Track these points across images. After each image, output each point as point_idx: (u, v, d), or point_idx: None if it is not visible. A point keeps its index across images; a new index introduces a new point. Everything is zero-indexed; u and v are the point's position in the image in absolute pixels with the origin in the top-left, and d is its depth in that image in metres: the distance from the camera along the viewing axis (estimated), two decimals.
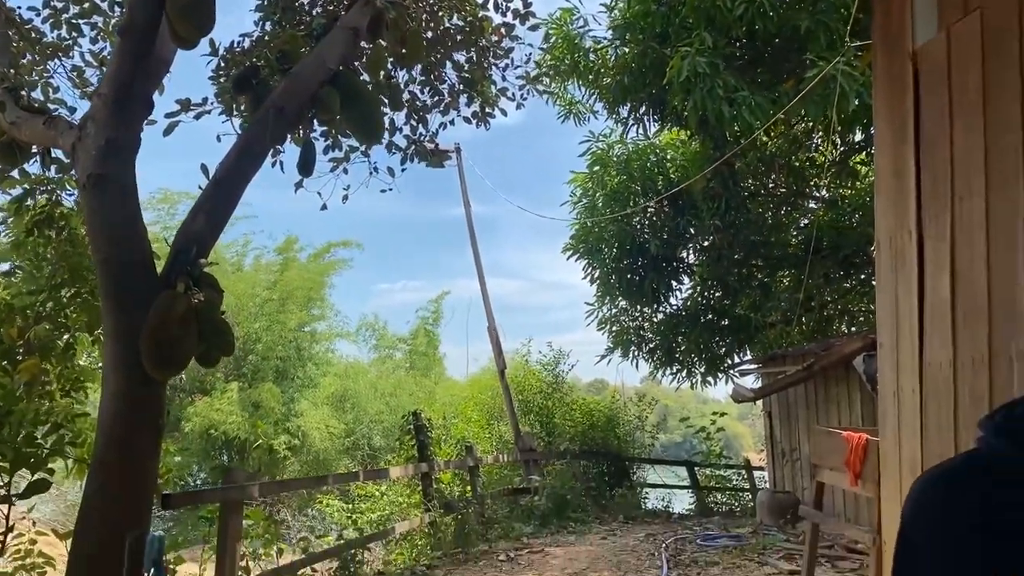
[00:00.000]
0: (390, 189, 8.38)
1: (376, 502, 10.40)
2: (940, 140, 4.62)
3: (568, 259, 15.49)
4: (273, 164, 7.77)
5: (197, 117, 7.02)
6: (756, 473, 14.21)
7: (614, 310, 15.97)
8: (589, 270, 15.28)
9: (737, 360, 15.51)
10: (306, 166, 6.07)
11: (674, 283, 15.40)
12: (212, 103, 6.61)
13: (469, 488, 10.03)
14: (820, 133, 12.95)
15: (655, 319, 15.85)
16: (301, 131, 7.11)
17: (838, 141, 13.25)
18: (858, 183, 14.03)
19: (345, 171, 8.32)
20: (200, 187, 5.00)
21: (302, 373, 21.94)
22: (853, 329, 13.78)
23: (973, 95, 4.31)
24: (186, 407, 19.58)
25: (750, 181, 14.14)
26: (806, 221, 14.60)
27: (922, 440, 4.53)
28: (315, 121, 6.99)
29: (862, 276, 13.60)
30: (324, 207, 8.26)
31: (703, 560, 7.64)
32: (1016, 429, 1.08)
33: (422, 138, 8.82)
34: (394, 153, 8.60)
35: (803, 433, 10.76)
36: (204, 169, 5.14)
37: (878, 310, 5.28)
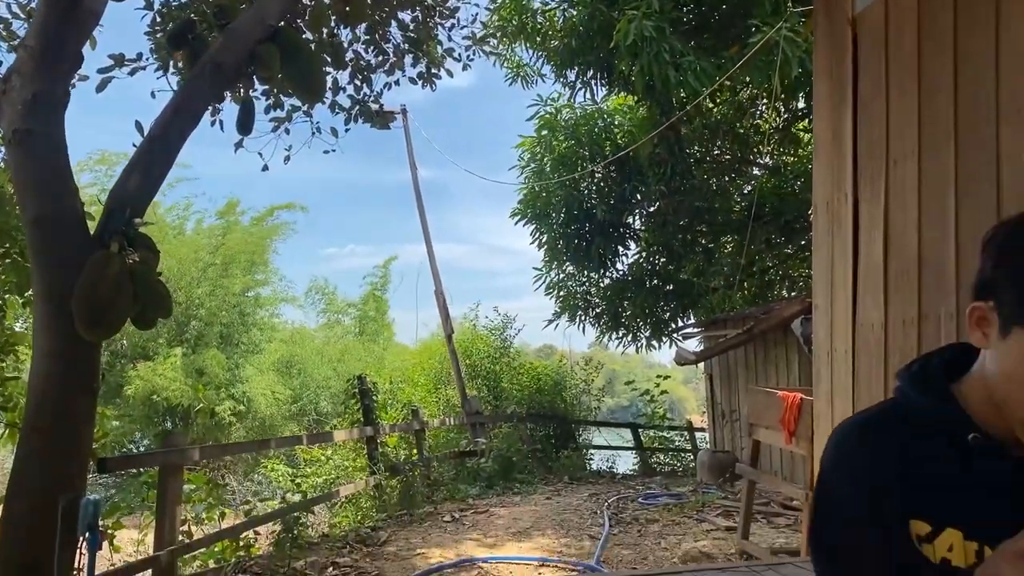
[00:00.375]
0: (333, 150, 8.26)
1: (322, 466, 10.37)
2: (876, 104, 4.71)
3: (516, 224, 15.51)
4: (212, 123, 7.58)
5: (132, 73, 6.80)
6: (698, 434, 14.53)
7: (561, 275, 16.08)
8: (537, 235, 15.32)
9: (681, 324, 15.77)
10: (245, 125, 5.92)
11: (620, 248, 15.55)
12: (147, 59, 6.41)
13: (415, 451, 10.07)
14: (765, 100, 13.10)
15: (602, 284, 16.00)
16: (241, 90, 6.94)
17: (781, 108, 13.44)
18: (800, 150, 14.27)
19: (287, 131, 8.16)
20: (135, 145, 4.86)
21: (247, 339, 21.64)
22: (793, 294, 14.08)
23: (908, 60, 4.39)
24: (127, 373, 19.19)
25: (696, 147, 14.26)
26: (749, 188, 14.82)
27: (853, 399, 4.68)
28: (256, 80, 6.83)
29: (802, 242, 13.89)
30: (265, 168, 8.10)
31: (644, 518, 7.81)
32: (932, 381, 1.11)
33: (366, 98, 8.68)
34: (337, 113, 8.46)
35: (743, 395, 11.02)
36: (139, 126, 4.98)
37: (814, 273, 5.41)
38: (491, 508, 8.45)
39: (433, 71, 8.52)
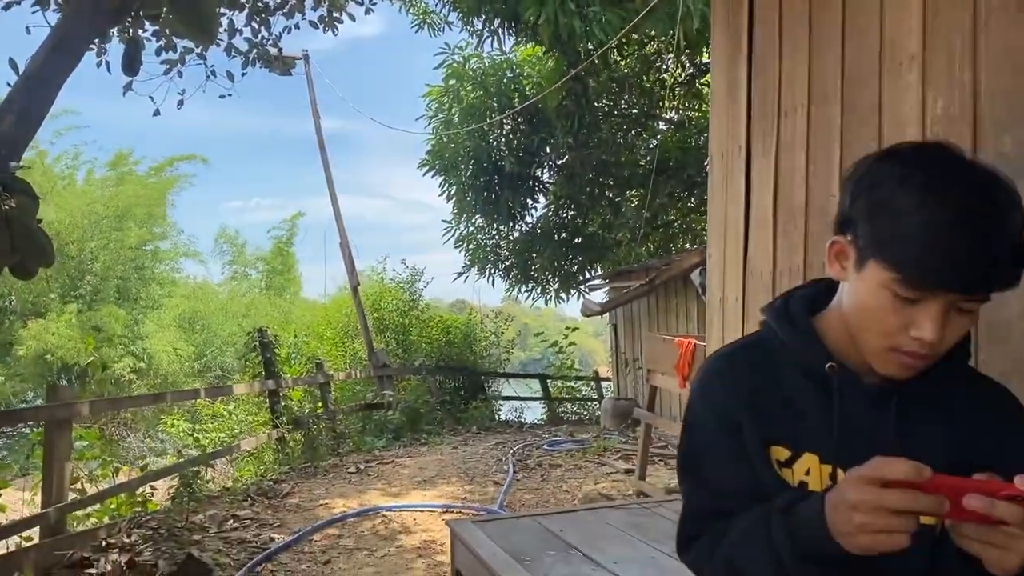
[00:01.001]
0: (229, 95, 7.96)
1: (224, 422, 10.19)
2: (770, 56, 4.82)
3: (425, 175, 15.35)
4: (99, 64, 7.19)
5: (6, 8, 6.39)
6: (604, 384, 14.88)
7: (471, 228, 16.04)
8: (446, 187, 15.21)
9: (589, 276, 16.02)
10: (131, 64, 5.62)
11: (529, 201, 15.59)
12: None
13: (320, 405, 9.99)
14: (671, 54, 13.24)
15: (511, 237, 16.05)
16: (130, 29, 6.60)
17: (686, 63, 13.61)
18: (704, 105, 14.51)
19: (180, 75, 7.82)
20: (9, 84, 4.57)
21: (146, 294, 20.88)
22: (696, 246, 14.45)
23: (800, 12, 4.48)
24: (18, 330, 18.28)
25: (604, 101, 14.34)
26: (655, 142, 15.03)
27: None
28: (146, 20, 6.49)
29: (705, 196, 14.19)
30: (157, 113, 7.76)
31: (547, 463, 7.99)
32: (793, 314, 1.15)
33: (265, 42, 8.38)
34: (234, 57, 8.14)
35: (644, 343, 11.33)
36: (12, 64, 4.68)
37: (709, 223, 5.54)
38: (397, 459, 8.48)
39: (335, 15, 8.27)
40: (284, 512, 6.35)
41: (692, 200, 14.89)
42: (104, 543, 5.21)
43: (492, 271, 16.17)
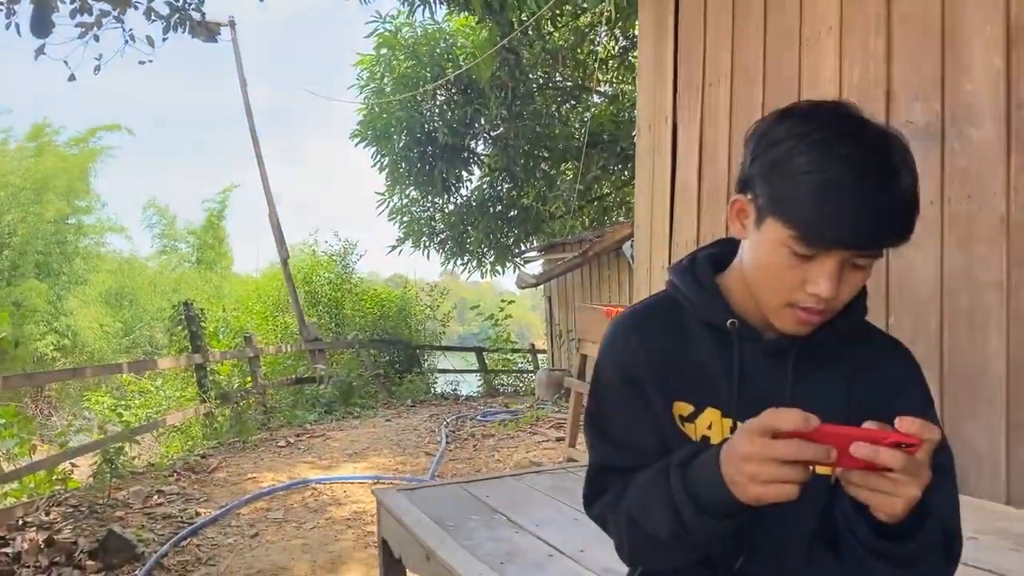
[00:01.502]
0: (150, 60, 7.70)
1: (152, 397, 9.96)
2: (695, 29, 4.87)
3: (357, 146, 15.12)
4: (8, 26, 6.88)
5: None
6: (540, 356, 14.98)
7: (405, 200, 15.89)
8: (378, 158, 15.01)
9: (524, 249, 16.05)
10: (39, 25, 5.41)
11: (464, 173, 15.50)
12: None
13: (250, 379, 9.83)
14: (605, 26, 13.26)
15: (446, 210, 15.96)
16: None
17: (619, 35, 13.65)
18: (636, 79, 14.60)
19: (96, 38, 7.53)
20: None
21: (69, 269, 20.16)
22: (629, 219, 14.59)
23: None
24: None
25: (539, 72, 14.30)
26: (589, 115, 15.08)
27: None
28: None
29: None
30: (72, 78, 7.46)
31: (480, 434, 8.02)
32: (697, 273, 1.16)
33: (187, 6, 8.11)
34: (154, 21, 7.87)
35: (576, 314, 11.45)
36: None
37: (637, 193, 5.61)
38: (328, 432, 8.41)
39: None
40: (211, 487, 6.25)
41: (626, 173, 15.02)
42: (21, 522, 5.06)
43: (427, 244, 16.07)
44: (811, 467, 0.87)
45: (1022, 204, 2.74)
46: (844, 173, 0.93)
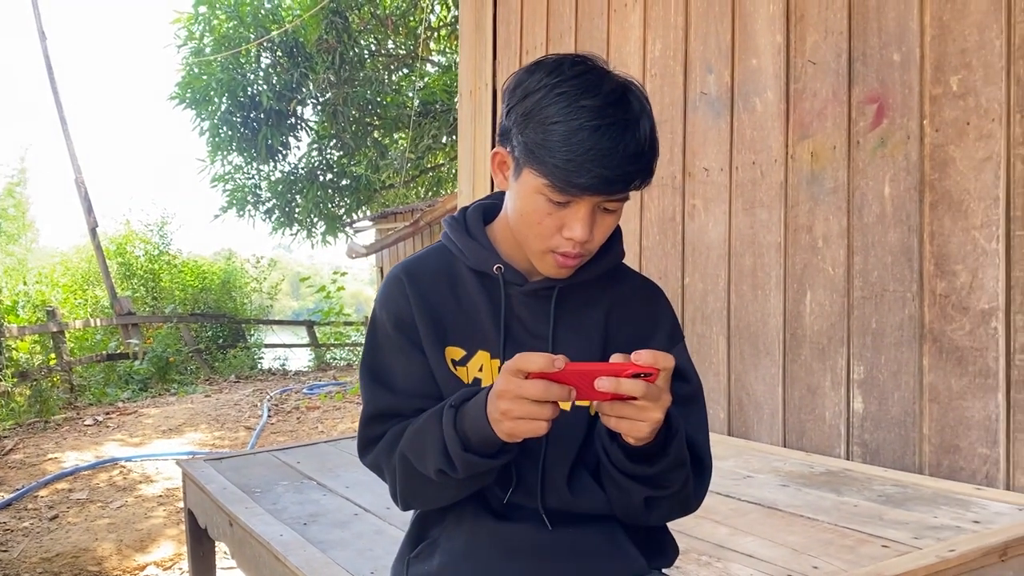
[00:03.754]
0: None
1: None
2: None
3: (175, 108, 14.24)
4: None
5: None
6: None
7: (228, 167, 15.16)
8: (197, 122, 14.22)
9: (356, 218, 15.76)
10: None
11: (292, 140, 14.96)
12: None
13: (53, 356, 9.11)
14: None
15: (272, 177, 15.37)
16: None
17: (451, 4, 13.58)
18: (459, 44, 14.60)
19: None
20: None
21: None
22: None
23: None
24: None
25: (370, 39, 14.00)
26: (422, 84, 14.95)
27: None
28: None
29: None
30: None
31: (305, 407, 7.85)
32: (468, 223, 1.20)
33: None
34: None
35: None
36: None
37: (459, 160, 5.63)
38: (141, 409, 7.95)
39: None
40: (6, 469, 5.76)
41: None
42: None
43: (252, 213, 15.42)
44: (559, 405, 0.92)
45: (797, 170, 2.98)
46: (588, 123, 0.97)
